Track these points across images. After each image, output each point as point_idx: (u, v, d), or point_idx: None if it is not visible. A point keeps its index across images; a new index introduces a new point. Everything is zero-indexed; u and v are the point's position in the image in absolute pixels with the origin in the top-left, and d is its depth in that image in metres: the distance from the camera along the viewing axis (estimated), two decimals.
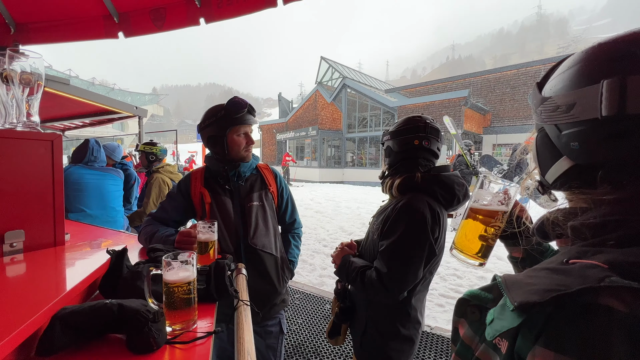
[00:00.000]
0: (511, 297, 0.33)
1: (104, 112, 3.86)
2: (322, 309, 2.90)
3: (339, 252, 1.15)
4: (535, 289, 0.32)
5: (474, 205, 0.63)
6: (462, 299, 0.45)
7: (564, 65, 0.39)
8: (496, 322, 0.35)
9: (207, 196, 1.25)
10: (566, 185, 0.40)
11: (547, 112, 0.39)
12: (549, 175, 0.42)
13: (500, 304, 0.37)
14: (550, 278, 0.32)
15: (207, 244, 0.98)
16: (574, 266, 0.32)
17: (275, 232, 1.34)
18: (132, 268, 0.77)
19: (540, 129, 0.43)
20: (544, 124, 0.40)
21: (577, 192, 0.38)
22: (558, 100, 0.37)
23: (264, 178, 1.37)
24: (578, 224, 0.36)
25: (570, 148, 0.37)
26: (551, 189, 0.44)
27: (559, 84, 0.38)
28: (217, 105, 1.28)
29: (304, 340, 2.42)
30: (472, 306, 0.44)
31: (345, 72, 21.23)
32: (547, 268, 0.35)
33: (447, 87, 19.49)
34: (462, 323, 0.45)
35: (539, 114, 0.41)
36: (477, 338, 0.41)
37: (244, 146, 1.27)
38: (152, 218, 1.27)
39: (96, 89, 34.58)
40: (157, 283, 0.73)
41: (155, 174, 2.72)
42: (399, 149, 1.07)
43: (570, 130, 0.36)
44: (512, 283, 0.35)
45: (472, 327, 0.43)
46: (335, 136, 20.32)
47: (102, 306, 0.57)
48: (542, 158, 0.43)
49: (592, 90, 0.33)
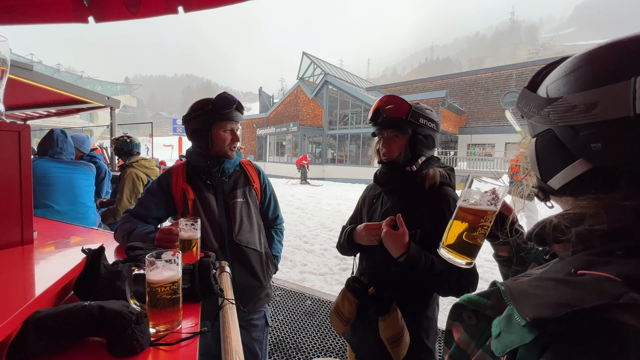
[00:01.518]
0: (520, 310, 0.31)
1: (72, 101, 3.62)
2: (302, 305, 2.91)
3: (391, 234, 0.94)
4: (546, 302, 0.30)
5: (463, 204, 0.64)
6: (458, 304, 0.44)
7: (567, 65, 0.38)
8: (504, 336, 0.33)
9: (189, 192, 1.21)
10: (578, 190, 0.38)
11: (558, 112, 0.36)
12: (555, 181, 0.40)
13: (506, 315, 0.35)
14: (560, 290, 0.31)
15: (190, 241, 0.96)
16: (585, 278, 0.31)
17: (259, 228, 1.33)
18: (110, 267, 0.73)
19: (542, 132, 0.41)
20: (553, 125, 0.38)
21: (591, 197, 0.36)
22: (573, 100, 0.35)
23: (247, 174, 1.35)
24: (584, 230, 0.35)
25: (589, 150, 0.35)
26: (556, 195, 0.42)
27: (570, 83, 0.36)
28: (206, 99, 1.24)
29: (285, 336, 2.42)
30: (469, 311, 0.42)
31: (327, 68, 21.21)
32: (554, 279, 0.34)
33: (425, 87, 20.01)
34: (457, 327, 0.44)
35: (544, 115, 0.38)
36: (474, 343, 0.40)
37: (228, 142, 1.25)
38: (130, 215, 1.22)
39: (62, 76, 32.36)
40: (139, 283, 0.70)
41: (129, 169, 2.60)
42: (435, 145, 1.06)
43: (591, 130, 0.34)
44: (518, 293, 0.34)
45: (468, 332, 0.42)
46: (316, 133, 20.30)
47: (80, 309, 0.54)
48: (545, 162, 0.41)
49: (618, 88, 0.31)
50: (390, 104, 1.01)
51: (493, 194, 0.61)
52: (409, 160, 1.03)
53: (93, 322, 0.53)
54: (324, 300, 3.02)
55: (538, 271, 0.47)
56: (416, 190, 1.02)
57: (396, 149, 1.03)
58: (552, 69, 0.44)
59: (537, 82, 0.44)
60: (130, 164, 2.64)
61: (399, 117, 0.99)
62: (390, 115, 1.00)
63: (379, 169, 1.12)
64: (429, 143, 1.03)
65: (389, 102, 1.01)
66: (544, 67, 0.45)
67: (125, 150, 2.71)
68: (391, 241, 0.93)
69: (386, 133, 1.05)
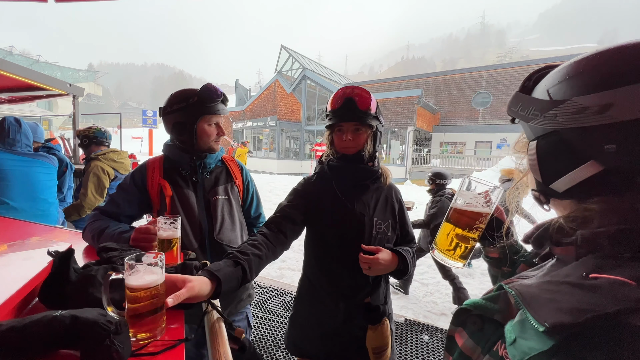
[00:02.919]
0: (536, 315, 0.31)
1: (27, 87, 3.30)
2: (282, 301, 2.89)
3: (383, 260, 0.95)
4: (563, 307, 0.30)
5: (457, 206, 0.63)
6: (463, 309, 0.44)
7: (569, 69, 0.38)
8: (521, 342, 0.32)
9: (167, 189, 1.14)
10: (585, 193, 0.38)
11: (567, 114, 0.36)
12: (560, 183, 0.39)
13: (519, 320, 0.34)
14: (576, 295, 0.31)
15: (170, 241, 0.90)
16: (600, 282, 0.31)
17: (241, 226, 1.28)
18: (82, 271, 0.67)
19: (545, 135, 0.40)
20: (561, 127, 0.37)
21: (600, 199, 0.36)
22: (584, 102, 0.35)
23: (229, 170, 1.30)
24: (593, 232, 0.35)
25: (602, 151, 0.35)
26: (559, 198, 0.41)
27: (578, 86, 0.36)
28: (188, 90, 1.17)
29: (265, 334, 2.39)
30: (474, 316, 0.42)
31: (305, 63, 21.00)
32: (567, 282, 0.33)
33: (402, 86, 20.42)
34: (461, 332, 0.44)
35: (550, 117, 0.38)
36: (479, 349, 0.40)
37: (214, 137, 1.19)
38: (100, 212, 1.13)
39: (15, 59, 29.47)
40: (115, 289, 0.65)
41: (94, 162, 2.41)
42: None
43: (604, 132, 0.34)
44: (530, 298, 0.34)
45: (473, 338, 0.41)
46: (294, 127, 20.13)
47: (50, 319, 0.48)
48: (549, 165, 0.41)
49: (635, 90, 0.32)
50: (359, 95, 0.98)
51: (487, 196, 0.61)
52: (370, 155, 1.03)
53: (65, 334, 0.48)
54: None
55: (532, 273, 0.47)
56: (378, 185, 1.09)
57: (361, 143, 1.01)
58: (544, 73, 0.44)
59: (529, 86, 0.45)
60: (96, 156, 2.45)
61: (369, 111, 0.98)
62: (362, 107, 0.98)
63: (334, 162, 1.06)
64: (381, 139, 1.09)
65: (359, 93, 0.98)
66: (534, 71, 0.46)
67: (98, 139, 2.52)
68: (386, 265, 0.96)
69: (346, 126, 1.00)
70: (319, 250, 1.09)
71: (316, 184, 1.10)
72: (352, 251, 0.97)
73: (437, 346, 2.32)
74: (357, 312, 1.01)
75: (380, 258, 0.94)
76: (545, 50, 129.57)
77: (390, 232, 1.05)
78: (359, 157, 1.03)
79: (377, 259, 0.94)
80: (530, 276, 0.47)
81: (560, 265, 0.41)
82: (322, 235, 1.06)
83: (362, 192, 1.05)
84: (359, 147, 1.01)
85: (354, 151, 1.02)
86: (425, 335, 2.46)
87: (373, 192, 1.07)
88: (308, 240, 1.12)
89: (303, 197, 1.07)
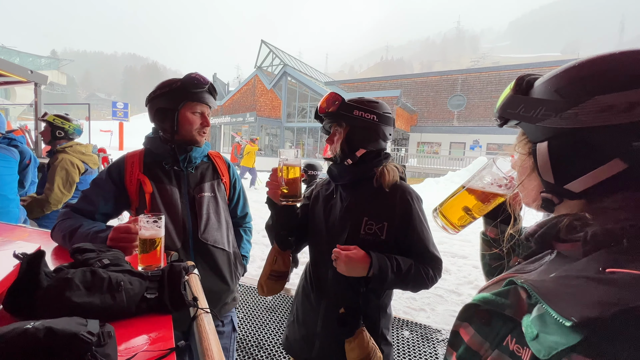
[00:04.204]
0: (560, 310, 0.31)
1: None
2: (263, 301, 2.84)
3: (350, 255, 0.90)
4: (587, 301, 0.31)
5: (477, 182, 0.64)
6: (471, 304, 0.44)
7: (585, 68, 0.38)
8: (545, 337, 0.32)
9: (147, 184, 1.06)
10: (606, 191, 0.38)
11: (591, 113, 0.36)
12: (577, 183, 0.39)
13: (538, 315, 0.34)
14: (597, 289, 0.32)
15: (153, 241, 0.84)
16: (620, 277, 0.31)
17: (227, 226, 1.23)
18: (55, 275, 0.60)
19: (557, 135, 0.40)
20: (582, 125, 0.37)
21: (618, 196, 0.37)
22: (609, 100, 0.35)
23: (215, 167, 1.24)
24: (603, 229, 0.35)
25: (629, 149, 0.35)
26: (573, 199, 0.41)
27: (599, 85, 0.36)
28: (174, 78, 1.10)
29: (247, 334, 2.34)
30: (482, 311, 0.42)
31: (286, 59, 20.77)
32: (584, 277, 0.34)
33: (381, 86, 20.72)
34: (466, 327, 0.43)
35: (569, 117, 0.38)
36: (488, 344, 0.40)
37: (197, 127, 1.12)
38: (72, 210, 1.03)
39: None
40: (94, 293, 0.59)
41: (61, 154, 2.24)
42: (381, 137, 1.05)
43: (633, 130, 0.35)
44: (549, 293, 0.34)
45: (480, 333, 0.42)
46: (273, 124, 19.89)
47: (20, 332, 0.42)
48: (564, 165, 0.40)
49: None
50: (328, 100, 1.00)
51: (511, 180, 0.62)
52: (346, 154, 1.01)
53: (39, 349, 0.42)
54: (285, 294, 2.98)
55: (530, 267, 0.48)
56: (377, 186, 1.01)
57: (337, 143, 1.03)
58: (535, 76, 0.44)
59: (524, 87, 0.44)
60: (63, 149, 2.27)
61: (331, 112, 0.99)
62: (322, 111, 1.01)
63: (330, 164, 1.10)
64: (369, 135, 0.99)
65: (328, 99, 1.01)
66: (524, 74, 0.45)
67: (75, 135, 2.34)
68: (352, 263, 0.88)
69: (331, 129, 1.06)
70: (310, 245, 1.14)
71: (322, 185, 1.16)
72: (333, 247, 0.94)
73: (418, 341, 2.38)
74: (335, 319, 0.97)
75: (347, 253, 0.89)
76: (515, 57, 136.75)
77: (386, 235, 0.96)
78: (333, 159, 1.06)
79: (341, 254, 0.89)
80: (528, 270, 0.47)
81: (563, 261, 0.42)
82: (313, 230, 1.10)
83: (357, 191, 1.03)
84: (335, 148, 1.04)
85: (332, 152, 1.06)
86: (405, 330, 2.51)
87: (371, 192, 1.01)
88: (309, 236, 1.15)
89: (308, 197, 1.18)
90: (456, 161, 15.94)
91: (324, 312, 1.03)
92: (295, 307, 1.15)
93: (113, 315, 0.58)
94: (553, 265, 0.43)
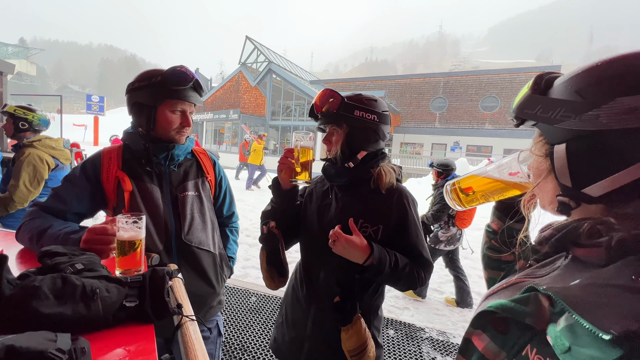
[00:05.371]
0: (596, 322, 0.29)
1: None
2: (247, 302, 2.77)
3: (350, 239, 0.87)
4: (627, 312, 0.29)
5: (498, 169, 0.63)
6: (487, 311, 0.41)
7: (605, 68, 0.37)
8: (578, 350, 0.30)
9: (126, 182, 0.99)
10: (627, 196, 0.37)
11: (614, 115, 0.35)
12: (597, 188, 0.38)
13: (566, 325, 0.32)
14: (635, 299, 0.30)
15: (133, 243, 0.77)
16: None
17: (213, 226, 1.17)
18: (19, 283, 0.53)
19: (577, 137, 0.38)
20: (604, 128, 0.36)
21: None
22: (633, 102, 0.34)
23: (200, 164, 1.17)
24: (632, 236, 0.34)
25: None
26: (591, 203, 0.40)
27: (621, 86, 0.35)
28: (155, 69, 1.02)
29: (231, 336, 2.27)
30: (499, 319, 0.40)
31: (271, 56, 20.54)
32: (617, 285, 0.32)
33: (366, 87, 20.91)
34: (480, 335, 0.42)
35: (590, 118, 0.36)
36: (504, 353, 0.39)
37: (176, 127, 1.04)
38: (40, 209, 0.94)
39: None
40: (65, 302, 0.53)
41: (28, 149, 2.07)
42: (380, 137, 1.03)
43: None
44: (578, 301, 0.32)
45: (496, 341, 0.40)
46: (258, 122, 19.62)
47: None
48: (583, 169, 0.39)
49: None
50: (323, 97, 0.97)
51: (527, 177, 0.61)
52: (347, 156, 0.97)
53: None
54: (270, 295, 2.93)
55: (541, 272, 0.46)
56: (373, 187, 0.98)
57: (336, 145, 0.99)
58: (555, 75, 0.43)
59: (543, 87, 0.43)
60: (30, 143, 2.11)
61: (331, 112, 0.96)
62: (319, 110, 0.99)
63: (326, 164, 1.06)
64: (369, 136, 0.97)
65: (323, 95, 0.98)
66: (542, 73, 0.44)
67: (40, 127, 2.17)
68: (351, 247, 0.86)
69: (327, 128, 1.02)
70: (302, 245, 1.11)
71: (317, 183, 1.12)
72: (329, 250, 0.92)
73: (402, 340, 2.39)
74: (327, 315, 0.97)
75: (347, 237, 0.87)
76: (493, 62, 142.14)
77: (381, 237, 0.95)
78: (333, 160, 1.01)
79: (343, 235, 0.87)
80: (539, 275, 0.46)
81: (581, 267, 0.40)
82: (304, 230, 1.07)
83: (353, 192, 1.01)
84: (334, 148, 1.00)
85: (332, 154, 1.01)
86: (390, 329, 2.52)
87: (367, 193, 0.98)
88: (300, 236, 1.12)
89: (301, 195, 1.13)
90: None
91: (314, 314, 1.01)
92: (285, 308, 1.11)
93: (87, 327, 0.52)
94: (569, 270, 0.41)
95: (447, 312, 2.99)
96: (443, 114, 19.13)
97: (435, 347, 2.33)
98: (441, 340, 2.42)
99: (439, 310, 3.01)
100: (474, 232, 3.89)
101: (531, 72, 16.38)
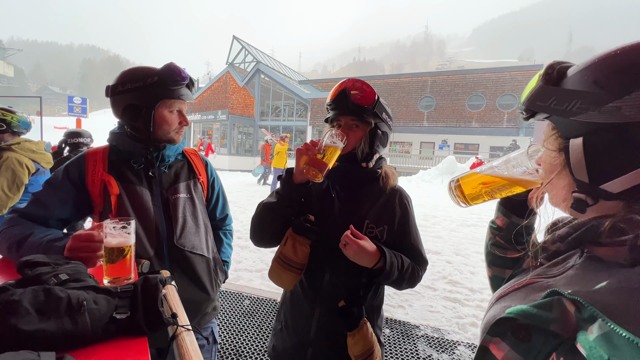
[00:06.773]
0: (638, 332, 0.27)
1: None
2: (240, 305, 2.72)
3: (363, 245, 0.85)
4: None
5: (504, 165, 0.61)
6: (506, 317, 0.39)
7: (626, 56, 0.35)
8: None
9: (113, 185, 0.94)
10: None
11: (635, 107, 0.33)
12: (616, 184, 0.36)
13: (601, 334, 0.30)
14: None
15: (122, 250, 0.73)
16: None
17: (206, 229, 1.12)
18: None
19: (596, 130, 0.37)
20: (629, 121, 0.34)
21: None
22: None
23: (191, 165, 1.13)
24: None
25: None
26: (609, 199, 0.38)
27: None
28: (146, 68, 0.97)
29: (224, 341, 2.22)
30: (520, 326, 0.37)
31: (259, 56, 20.37)
32: None
33: None
34: (499, 343, 0.39)
35: (611, 110, 0.34)
36: None
37: (175, 126, 1.02)
38: (20, 215, 0.89)
39: None
40: (49, 317, 0.49)
41: (7, 152, 1.98)
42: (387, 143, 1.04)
43: None
44: (612, 308, 0.30)
45: (517, 350, 0.37)
46: (246, 123, 19.45)
47: None
48: (601, 164, 0.37)
49: None
50: (357, 88, 0.91)
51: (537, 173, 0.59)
52: (366, 155, 0.94)
53: None
54: (264, 298, 2.88)
55: (554, 271, 0.44)
56: (377, 188, 0.98)
57: (354, 140, 0.93)
58: (567, 65, 0.41)
59: (555, 77, 0.40)
60: (9, 146, 2.01)
61: (364, 105, 0.91)
62: (356, 101, 0.90)
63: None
64: (384, 140, 0.97)
65: (356, 86, 0.91)
66: (554, 62, 0.42)
67: (19, 128, 2.07)
68: (362, 252, 0.84)
69: (344, 120, 0.94)
70: None
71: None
72: (335, 251, 0.90)
73: (398, 338, 2.39)
74: (333, 319, 0.94)
75: (359, 242, 0.85)
76: (478, 62, 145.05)
77: (386, 238, 0.95)
78: (353, 156, 0.95)
79: (355, 240, 0.85)
80: (552, 274, 0.44)
81: (600, 266, 0.39)
82: None
83: (358, 193, 0.99)
84: (353, 144, 0.93)
85: (347, 149, 0.93)
86: (385, 328, 2.52)
87: (371, 194, 0.97)
88: None
89: None
90: (426, 160, 16.57)
91: (319, 318, 0.97)
92: (283, 315, 1.07)
93: (74, 343, 0.48)
94: (587, 270, 0.39)
95: (440, 309, 3.02)
96: (431, 113, 19.38)
97: (430, 345, 2.34)
98: (436, 337, 2.43)
99: (433, 308, 3.03)
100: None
101: (515, 71, 16.73)
